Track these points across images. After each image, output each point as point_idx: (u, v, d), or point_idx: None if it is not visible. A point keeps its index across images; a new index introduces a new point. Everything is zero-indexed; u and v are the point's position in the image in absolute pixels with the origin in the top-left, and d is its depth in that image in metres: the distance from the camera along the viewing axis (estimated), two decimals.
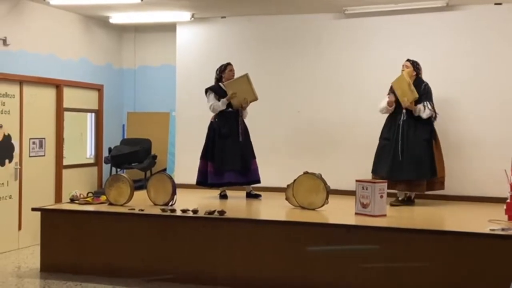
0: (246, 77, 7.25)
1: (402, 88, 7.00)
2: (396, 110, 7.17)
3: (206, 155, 7.39)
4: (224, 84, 7.33)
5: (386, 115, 7.29)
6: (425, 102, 7.02)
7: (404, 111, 7.07)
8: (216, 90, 7.38)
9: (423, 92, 7.04)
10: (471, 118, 7.52)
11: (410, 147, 6.99)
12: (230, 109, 7.36)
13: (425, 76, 7.30)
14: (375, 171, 7.20)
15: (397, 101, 7.11)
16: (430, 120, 7.13)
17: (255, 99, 7.35)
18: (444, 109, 7.54)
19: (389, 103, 7.15)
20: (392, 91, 7.14)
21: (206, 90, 7.44)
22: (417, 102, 7.02)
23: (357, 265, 5.47)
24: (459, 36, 7.61)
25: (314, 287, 5.59)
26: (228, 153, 7.27)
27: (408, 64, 7.17)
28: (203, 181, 7.43)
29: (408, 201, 7.17)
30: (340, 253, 5.53)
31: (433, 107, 7.09)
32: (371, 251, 5.44)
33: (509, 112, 7.41)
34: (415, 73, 7.15)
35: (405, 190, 7.08)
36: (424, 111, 7.01)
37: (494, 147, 7.38)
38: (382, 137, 7.27)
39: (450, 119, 7.54)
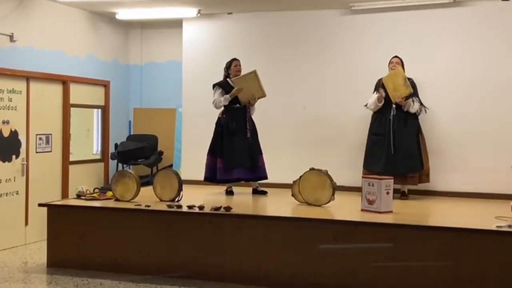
0: (254, 73, 7.21)
1: (395, 83, 7.10)
2: (385, 106, 7.24)
3: (215, 151, 7.38)
4: (232, 80, 7.31)
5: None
6: (413, 97, 7.16)
7: (393, 106, 7.17)
8: (224, 86, 7.35)
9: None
10: (479, 114, 7.48)
11: (402, 142, 7.10)
12: (238, 105, 7.34)
13: (431, 73, 7.37)
14: (367, 166, 7.27)
15: (386, 97, 7.18)
16: (417, 115, 7.25)
17: (263, 95, 7.33)
18: (450, 106, 7.54)
19: (379, 99, 7.19)
20: (381, 86, 7.20)
21: (214, 86, 7.43)
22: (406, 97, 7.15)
23: (363, 262, 5.47)
24: (465, 33, 7.58)
25: (320, 283, 5.59)
26: (237, 150, 7.25)
27: (399, 60, 7.28)
28: (211, 177, 7.42)
29: (402, 195, 7.24)
30: (347, 250, 5.53)
31: (420, 101, 7.23)
32: (378, 247, 5.45)
33: None
34: None
35: (399, 183, 7.13)
36: (413, 106, 7.15)
37: (499, 144, 7.36)
38: (372, 133, 7.36)
39: (457, 115, 7.54)
